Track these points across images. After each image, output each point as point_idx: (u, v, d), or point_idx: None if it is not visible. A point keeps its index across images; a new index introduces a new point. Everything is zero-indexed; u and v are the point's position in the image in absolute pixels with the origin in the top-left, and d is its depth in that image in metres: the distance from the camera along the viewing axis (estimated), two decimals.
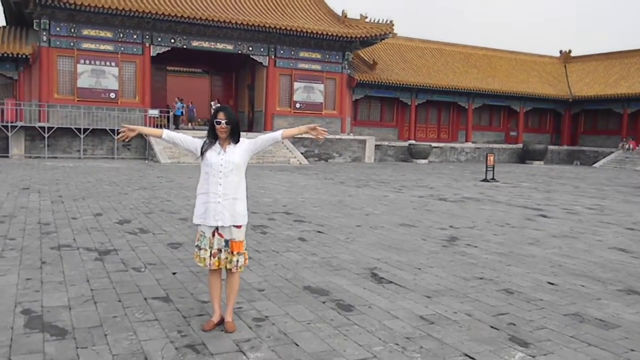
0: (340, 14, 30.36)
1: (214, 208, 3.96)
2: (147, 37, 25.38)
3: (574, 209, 12.12)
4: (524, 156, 36.52)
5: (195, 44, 26.28)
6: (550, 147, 38.46)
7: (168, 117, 25.54)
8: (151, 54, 25.53)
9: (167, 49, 25.73)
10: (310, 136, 4.24)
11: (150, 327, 4.07)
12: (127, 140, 4.17)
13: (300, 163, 25.29)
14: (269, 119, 28.50)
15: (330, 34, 27.90)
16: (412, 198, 13.24)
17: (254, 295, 4.94)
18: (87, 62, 24.61)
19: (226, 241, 4.00)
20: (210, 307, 4.53)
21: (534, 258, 6.94)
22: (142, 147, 25.22)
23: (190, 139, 4.14)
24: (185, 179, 15.87)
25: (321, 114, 29.70)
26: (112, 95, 25.11)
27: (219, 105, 29.03)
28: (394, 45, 36.35)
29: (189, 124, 31.47)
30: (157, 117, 25.23)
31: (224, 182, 3.96)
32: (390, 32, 29.56)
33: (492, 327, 4.35)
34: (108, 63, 24.98)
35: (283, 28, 26.80)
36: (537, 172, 26.97)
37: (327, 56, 29.71)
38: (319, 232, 8.23)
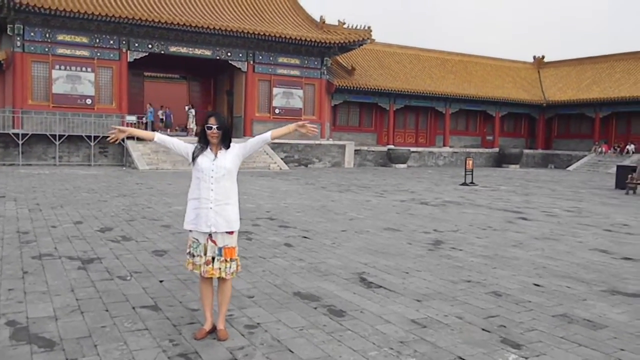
0: (319, 20, 30.47)
1: (206, 214, 3.91)
2: (124, 42, 25.10)
3: (552, 212, 12.30)
4: (500, 160, 37.02)
5: (173, 49, 26.08)
6: (526, 151, 39.07)
7: (146, 123, 25.23)
8: (128, 60, 25.25)
9: (144, 54, 25.48)
10: (297, 134, 4.20)
11: (141, 336, 4.00)
12: (116, 141, 4.10)
13: (281, 168, 25.23)
14: (248, 125, 28.39)
15: (308, 39, 27.96)
16: (394, 202, 13.30)
17: (244, 302, 4.89)
18: (63, 67, 24.22)
19: (219, 249, 3.95)
20: (201, 315, 4.48)
21: (518, 260, 7.01)
22: (119, 154, 24.89)
23: (183, 144, 4.09)
24: (165, 186, 15.70)
25: (300, 119, 29.59)
26: (88, 101, 24.74)
27: (192, 108, 28.57)
28: (372, 51, 36.58)
29: (167, 130, 31.12)
30: (135, 123, 24.91)
31: (215, 187, 3.92)
32: (368, 38, 29.73)
33: (483, 329, 4.37)
34: (84, 69, 24.62)
35: (261, 34, 26.77)
36: (513, 175, 27.34)
37: (306, 62, 29.76)
38: (305, 237, 8.20)
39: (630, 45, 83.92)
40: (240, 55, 27.92)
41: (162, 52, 25.88)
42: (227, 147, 4.00)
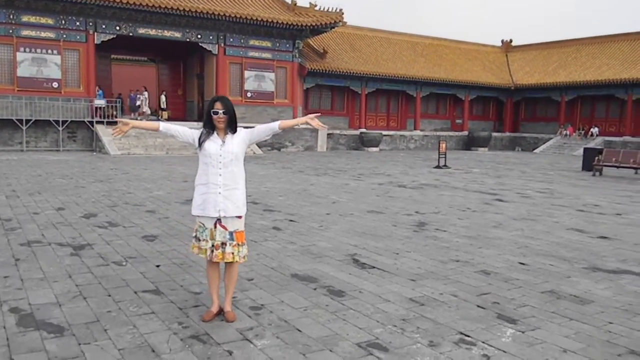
0: (290, 2, 30.22)
1: (215, 199, 3.95)
2: (90, 24, 24.44)
3: (526, 193, 12.67)
4: (470, 143, 37.65)
5: (141, 31, 25.53)
6: (494, 134, 39.82)
7: (116, 107, 24.73)
8: (95, 42, 24.60)
9: (112, 36, 24.88)
10: (307, 126, 4.28)
11: (149, 320, 4.04)
12: (121, 135, 4.08)
13: (254, 152, 25.15)
14: None
15: (280, 21, 27.74)
16: (372, 185, 13.47)
17: (244, 284, 4.96)
18: (28, 50, 23.47)
19: (231, 233, 3.99)
20: (205, 297, 4.55)
21: (501, 240, 7.25)
22: (88, 139, 24.40)
23: (189, 131, 4.10)
24: (140, 171, 15.52)
25: (273, 103, 29.57)
26: (55, 84, 24.08)
27: (145, 91, 27.77)
28: (343, 34, 36.52)
29: (132, 114, 30.42)
30: (104, 107, 24.40)
31: (223, 172, 3.96)
32: (340, 21, 29.65)
33: (478, 306, 4.56)
34: (50, 51, 23.91)
35: (232, 15, 26.42)
36: (483, 158, 27.89)
37: (278, 44, 29.56)
38: (291, 220, 8.29)
39: (595, 29, 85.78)
40: (211, 37, 27.54)
41: (131, 34, 25.31)
42: (234, 131, 4.04)
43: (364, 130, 33.32)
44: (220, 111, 3.94)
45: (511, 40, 46.85)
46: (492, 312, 4.40)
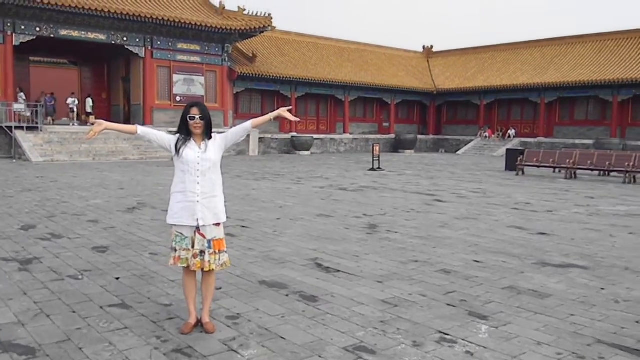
0: (218, 6, 29.84)
1: (193, 207, 3.85)
2: (8, 24, 23.02)
3: (461, 193, 13.19)
4: (397, 146, 38.69)
5: (63, 33, 24.35)
6: (419, 136, 41.15)
7: (36, 111, 23.38)
8: (14, 43, 23.22)
9: (31, 37, 23.57)
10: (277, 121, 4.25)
11: (124, 335, 3.87)
12: (94, 137, 3.89)
13: None
14: (148, 113, 27.29)
15: (208, 25, 27.35)
16: (314, 189, 13.56)
17: (215, 294, 4.83)
18: None
19: (209, 241, 3.91)
20: (177, 309, 4.43)
21: (450, 240, 7.52)
22: (6, 145, 22.93)
23: (166, 136, 3.97)
24: (70, 179, 14.77)
25: None
26: None
27: (46, 95, 26.46)
28: (271, 38, 36.50)
29: (48, 119, 28.75)
30: (23, 111, 23.01)
31: (202, 180, 3.87)
32: (269, 25, 29.65)
33: (448, 304, 4.71)
34: None
35: (160, 18, 25.76)
36: (411, 160, 28.75)
37: (207, 48, 29.11)
38: (243, 227, 8.19)
39: (509, 36, 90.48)
40: (138, 40, 26.71)
41: (52, 35, 24.08)
42: (209, 137, 3.96)
43: (295, 134, 33.43)
44: (197, 116, 3.85)
45: (432, 46, 48.66)
46: (462, 310, 4.56)
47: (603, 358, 3.60)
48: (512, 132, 38.04)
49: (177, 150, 3.88)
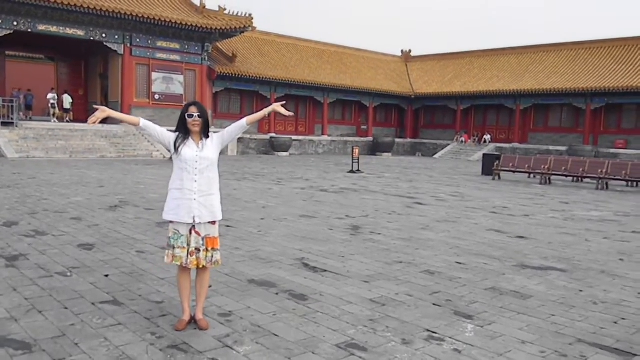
0: (199, 5, 29.72)
1: (189, 205, 3.91)
2: None
3: (440, 197, 13.42)
4: (375, 148, 38.98)
5: (41, 27, 23.97)
6: (397, 140, 41.53)
7: (12, 107, 22.95)
8: None
9: (8, 32, 23.15)
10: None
11: (119, 332, 3.91)
12: (96, 123, 3.93)
13: (164, 157, 24.41)
14: (126, 111, 26.93)
15: (188, 23, 27.22)
16: (295, 190, 13.64)
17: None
18: None
19: (202, 238, 3.97)
20: (170, 306, 4.48)
21: (432, 242, 7.68)
22: None
23: (167, 133, 4.02)
24: (48, 176, 14.58)
25: (182, 105, 28.82)
26: None
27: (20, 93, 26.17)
28: (251, 38, 36.48)
29: (20, 114, 28.21)
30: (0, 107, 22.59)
31: (199, 178, 3.93)
32: (249, 26, 29.64)
33: (434, 304, 4.85)
34: None
35: (139, 15, 25.56)
36: (390, 163, 29.02)
37: (187, 47, 28.97)
38: (228, 226, 8.23)
39: (486, 43, 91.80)
40: (117, 37, 26.44)
41: (29, 30, 23.69)
42: (207, 136, 4.03)
43: (273, 134, 33.47)
44: (196, 114, 3.92)
45: (410, 51, 49.17)
46: (448, 310, 4.70)
47: (585, 357, 3.76)
48: (487, 137, 38.68)
49: (176, 149, 3.93)
